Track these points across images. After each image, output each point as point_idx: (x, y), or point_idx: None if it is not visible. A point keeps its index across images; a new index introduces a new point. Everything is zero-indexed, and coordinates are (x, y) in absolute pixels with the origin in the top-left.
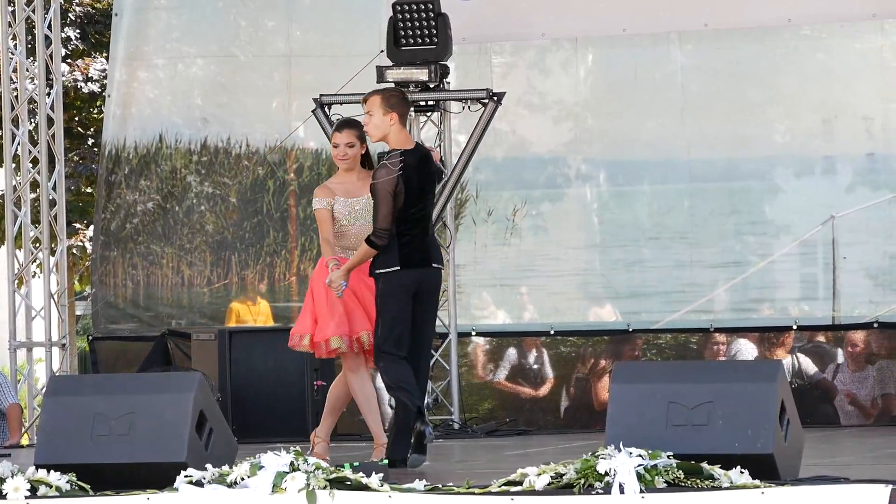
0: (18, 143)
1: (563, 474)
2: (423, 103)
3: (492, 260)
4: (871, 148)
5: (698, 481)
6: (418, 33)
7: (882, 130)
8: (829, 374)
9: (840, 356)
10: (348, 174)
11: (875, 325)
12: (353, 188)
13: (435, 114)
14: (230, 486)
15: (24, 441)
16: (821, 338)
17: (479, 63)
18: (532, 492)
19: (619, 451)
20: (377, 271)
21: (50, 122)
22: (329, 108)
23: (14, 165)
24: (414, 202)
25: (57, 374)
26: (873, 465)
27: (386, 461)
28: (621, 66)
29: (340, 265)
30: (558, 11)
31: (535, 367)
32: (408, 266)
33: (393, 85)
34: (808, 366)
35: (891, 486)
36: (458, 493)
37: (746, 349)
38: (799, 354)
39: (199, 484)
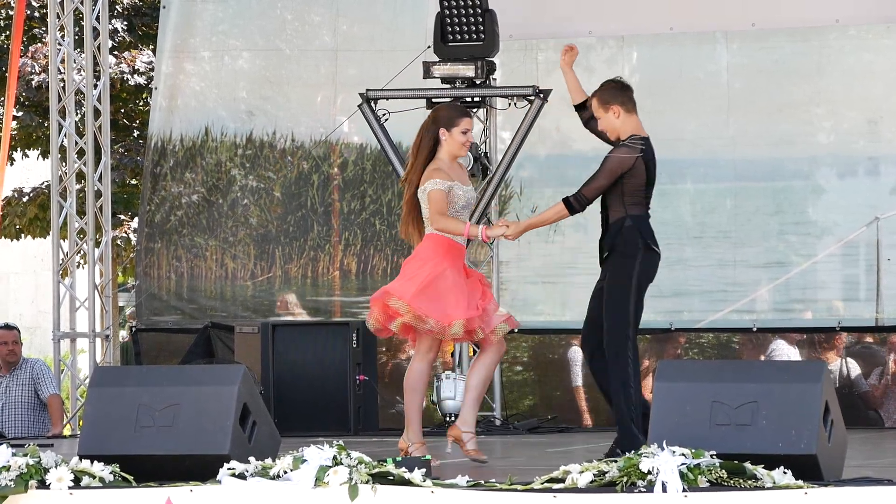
0: (65, 135)
1: (606, 472)
2: (468, 99)
3: (535, 257)
4: None
5: (741, 481)
6: (465, 29)
7: None
8: (873, 376)
9: (883, 358)
10: (454, 162)
11: None
12: (464, 177)
13: (480, 110)
14: (273, 478)
15: (66, 431)
16: (866, 340)
17: (524, 60)
18: (575, 489)
19: (663, 449)
20: (642, 244)
21: (96, 113)
22: (375, 104)
23: (60, 156)
24: (651, 187)
25: (100, 365)
26: None
27: (429, 457)
28: (666, 65)
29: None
30: (604, 10)
31: (578, 364)
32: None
33: (441, 80)
34: (853, 367)
35: None
36: (501, 490)
37: (788, 350)
38: (844, 356)
39: (241, 476)
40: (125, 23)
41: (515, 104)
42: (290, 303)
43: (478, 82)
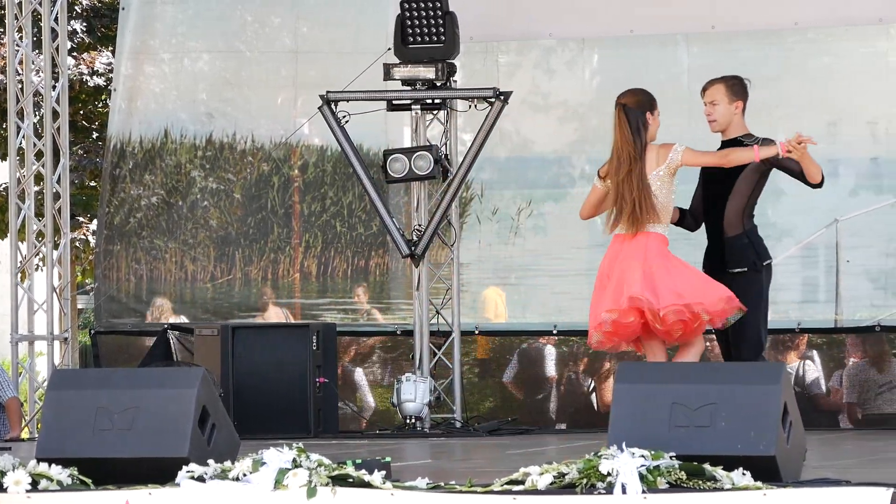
0: (23, 136)
1: (566, 474)
2: (429, 101)
3: (496, 259)
4: (875, 152)
5: (700, 482)
6: (426, 31)
7: (886, 134)
8: (832, 377)
9: (842, 359)
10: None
11: (877, 329)
12: None
13: (441, 112)
14: (232, 481)
15: (25, 434)
16: (823, 341)
17: (485, 62)
18: (534, 491)
19: (622, 451)
20: (765, 262)
21: (55, 115)
22: (336, 105)
23: (18, 158)
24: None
25: (59, 368)
26: (874, 468)
27: (389, 459)
28: (627, 67)
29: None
30: (565, 12)
31: (538, 366)
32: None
33: (401, 82)
34: (811, 369)
35: (892, 490)
36: (461, 492)
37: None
38: (804, 358)
39: (201, 479)
40: (84, 24)
41: (476, 106)
42: (165, 308)
43: (438, 84)
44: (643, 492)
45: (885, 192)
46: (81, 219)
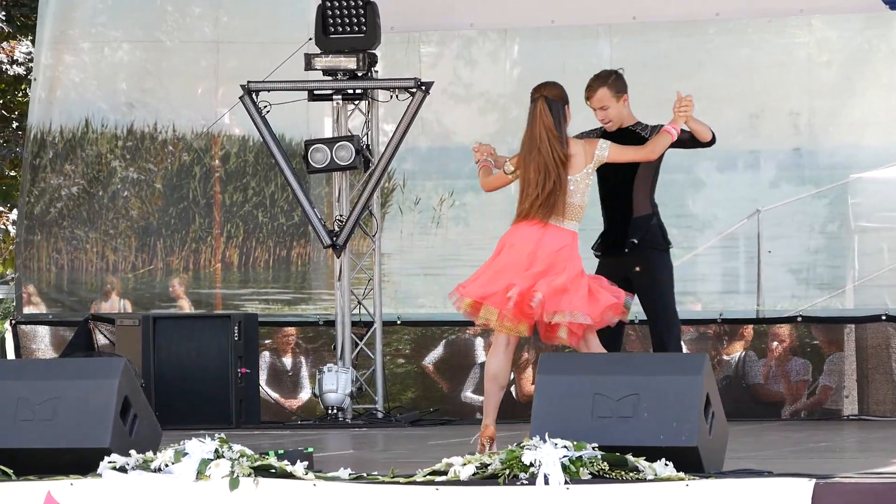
0: None
1: (489, 465)
2: (350, 91)
3: (418, 249)
4: (796, 143)
5: (623, 473)
6: (347, 21)
7: (808, 126)
8: (753, 368)
9: (765, 350)
10: None
11: (799, 320)
12: None
13: (362, 102)
14: (154, 472)
15: None
16: (746, 331)
17: (407, 52)
18: (457, 482)
19: (545, 441)
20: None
21: None
22: (257, 96)
23: None
24: None
25: None
26: (796, 460)
27: (311, 449)
28: (548, 58)
29: None
30: (487, 2)
31: (460, 356)
32: None
33: (322, 72)
34: (732, 359)
35: (814, 480)
36: (384, 483)
37: None
38: (723, 348)
39: (122, 470)
40: (3, 13)
41: (397, 96)
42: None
43: (359, 74)
44: (566, 482)
45: (806, 183)
46: (1, 208)
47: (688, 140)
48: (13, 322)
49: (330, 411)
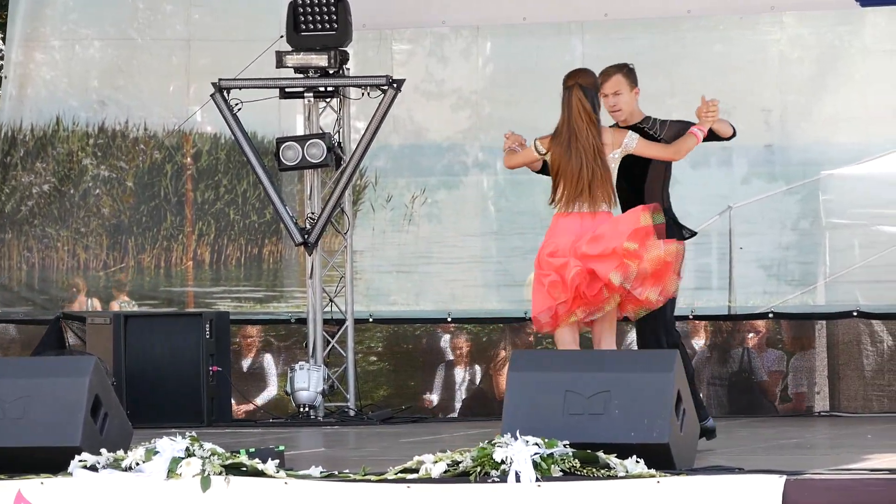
0: None
1: (460, 462)
2: (322, 89)
3: (390, 246)
4: (768, 139)
5: (594, 470)
6: (318, 19)
7: (780, 122)
8: (726, 363)
9: (737, 346)
10: None
11: (770, 316)
12: None
13: (334, 100)
14: (125, 470)
15: None
16: (718, 328)
17: (379, 50)
18: (428, 479)
19: (516, 439)
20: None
21: None
22: (228, 93)
23: None
24: None
25: None
26: (767, 456)
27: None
28: (521, 55)
29: None
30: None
31: (432, 353)
32: None
33: (294, 69)
34: (704, 355)
35: (785, 477)
36: (355, 480)
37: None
38: (698, 345)
39: (93, 468)
40: None
41: (369, 94)
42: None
43: (331, 72)
44: (537, 480)
45: (777, 179)
46: None
47: (707, 135)
48: None
49: (301, 409)
